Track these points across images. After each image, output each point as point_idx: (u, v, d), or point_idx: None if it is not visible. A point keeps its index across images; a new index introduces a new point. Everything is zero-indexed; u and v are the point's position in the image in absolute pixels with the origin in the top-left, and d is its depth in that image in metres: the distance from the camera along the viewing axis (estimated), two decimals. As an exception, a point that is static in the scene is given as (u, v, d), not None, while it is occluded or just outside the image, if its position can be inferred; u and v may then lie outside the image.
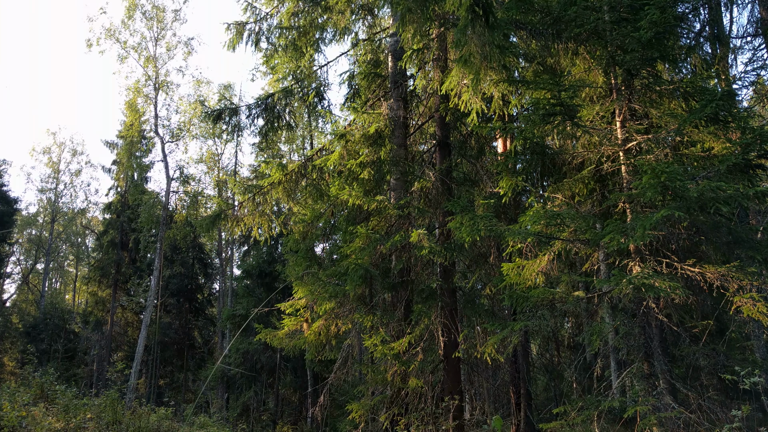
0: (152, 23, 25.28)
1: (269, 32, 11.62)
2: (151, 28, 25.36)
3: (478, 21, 6.53)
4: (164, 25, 25.49)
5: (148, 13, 25.27)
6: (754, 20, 9.79)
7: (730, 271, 6.24)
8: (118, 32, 24.76)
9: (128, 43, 25.01)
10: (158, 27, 25.38)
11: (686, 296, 6.45)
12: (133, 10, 24.68)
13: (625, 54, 7.43)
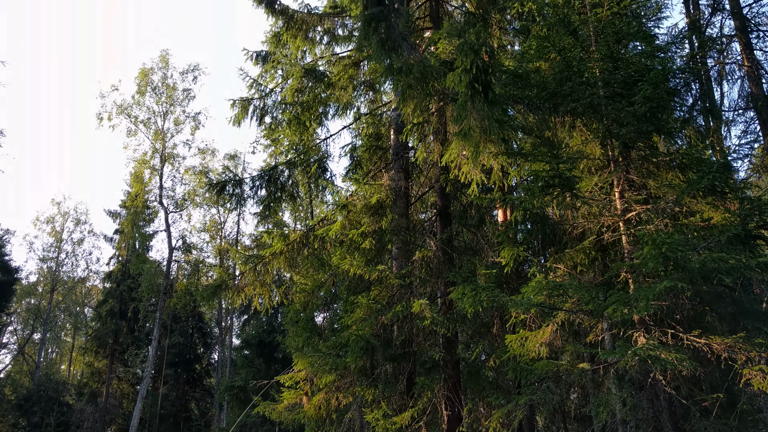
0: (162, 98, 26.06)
1: (274, 108, 11.98)
2: (161, 104, 26.13)
3: (477, 97, 6.75)
4: (174, 101, 26.28)
5: (159, 89, 26.10)
6: (744, 95, 10.10)
7: (737, 342, 6.16)
8: (129, 108, 25.50)
9: (138, 118, 25.71)
10: (168, 103, 26.15)
11: (694, 368, 6.33)
12: (144, 87, 25.53)
13: (620, 127, 7.62)
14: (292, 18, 11.46)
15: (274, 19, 11.55)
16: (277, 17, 11.49)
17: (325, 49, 12.20)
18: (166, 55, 28.16)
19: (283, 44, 12.06)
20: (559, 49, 8.25)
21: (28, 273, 41.17)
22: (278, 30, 11.78)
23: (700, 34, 10.62)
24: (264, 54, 12.56)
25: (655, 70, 7.29)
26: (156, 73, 27.44)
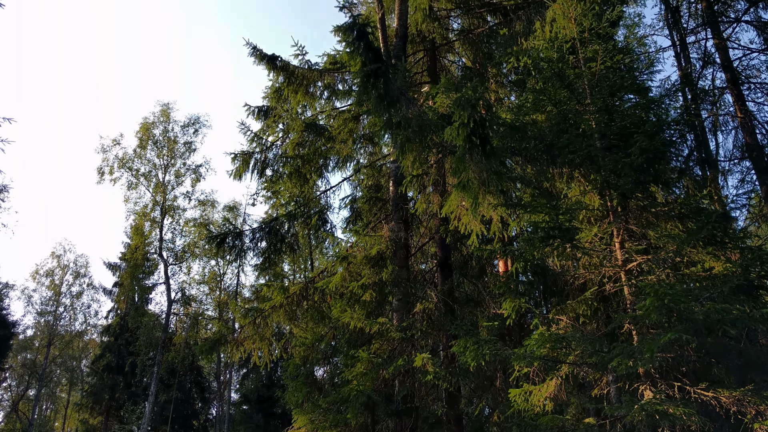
0: (163, 152, 26.38)
1: (274, 161, 12.12)
2: (162, 157, 26.43)
3: (475, 150, 6.82)
4: (175, 153, 26.60)
5: (160, 143, 26.46)
6: (739, 144, 10.22)
7: (746, 396, 6.02)
8: (131, 161, 25.79)
9: (139, 171, 25.96)
10: (169, 155, 26.46)
11: (703, 423, 6.18)
12: (146, 141, 25.89)
13: (618, 178, 7.67)
14: (293, 74, 11.71)
15: (275, 75, 11.81)
16: (278, 73, 11.74)
17: (326, 103, 12.43)
18: (168, 108, 28.67)
19: (284, 99, 12.28)
20: (555, 102, 8.40)
21: (25, 327, 40.71)
22: (279, 85, 12.02)
23: (693, 87, 10.84)
24: (265, 109, 12.78)
25: (650, 122, 7.40)
26: (157, 127, 27.87)
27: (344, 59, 11.78)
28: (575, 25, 8.74)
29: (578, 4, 8.89)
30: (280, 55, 11.93)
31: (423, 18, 11.03)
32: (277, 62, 11.64)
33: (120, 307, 32.80)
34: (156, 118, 27.98)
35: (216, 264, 33.22)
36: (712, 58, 11.26)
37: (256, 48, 11.63)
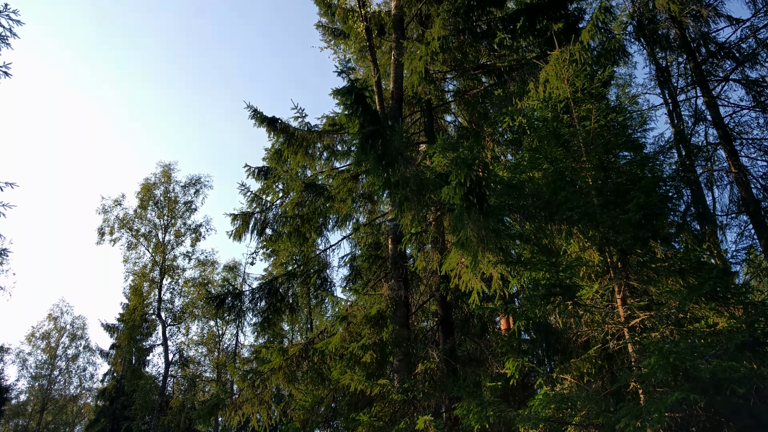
0: (164, 212, 26.53)
1: (274, 221, 12.17)
2: (162, 217, 26.56)
3: (472, 208, 6.87)
4: (175, 213, 26.75)
5: (161, 203, 26.65)
6: (735, 199, 10.30)
7: (759, 458, 5.85)
8: (131, 221, 25.91)
9: (140, 231, 26.04)
10: (169, 216, 26.60)
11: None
12: (147, 201, 26.08)
13: (617, 234, 7.69)
14: (293, 136, 11.92)
15: (275, 137, 12.01)
16: (278, 135, 11.95)
17: (325, 163, 12.59)
18: (169, 169, 29.01)
19: (284, 160, 12.45)
20: (551, 160, 8.51)
21: (18, 392, 39.84)
22: (279, 147, 12.21)
23: (687, 143, 11.02)
24: (265, 169, 12.94)
25: (646, 179, 7.48)
26: (158, 187, 28.13)
27: (343, 121, 12.01)
28: (568, 85, 8.96)
29: (570, 66, 9.14)
30: (280, 117, 12.18)
31: (419, 80, 11.31)
32: (277, 125, 11.87)
33: (116, 370, 32.19)
34: (157, 178, 28.29)
35: (215, 324, 32.84)
36: (703, 115, 11.49)
37: (256, 111, 11.88)
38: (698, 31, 12.03)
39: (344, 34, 14.67)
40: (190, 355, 31.20)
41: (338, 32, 15.03)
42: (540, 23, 12.48)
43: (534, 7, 12.52)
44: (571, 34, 10.94)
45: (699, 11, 11.81)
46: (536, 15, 12.43)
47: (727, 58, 11.84)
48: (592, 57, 10.40)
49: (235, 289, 12.40)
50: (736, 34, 11.57)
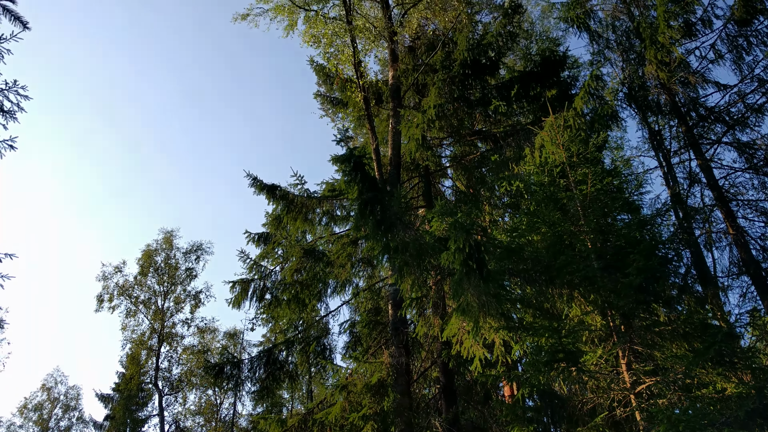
0: (164, 278, 26.43)
1: (273, 287, 12.11)
2: (162, 284, 26.44)
3: (472, 274, 6.85)
4: (175, 280, 26.64)
5: (162, 269, 26.59)
6: (735, 260, 10.28)
7: None
8: (131, 288, 25.78)
9: (139, 298, 25.86)
10: (169, 282, 26.49)
11: None
12: (147, 268, 26.02)
13: (619, 298, 7.62)
14: (292, 202, 12.03)
15: (275, 204, 12.12)
16: (278, 202, 12.05)
17: (324, 229, 12.64)
18: (171, 236, 29.09)
19: (283, 226, 12.51)
20: (550, 224, 8.54)
21: (5, 471, 38.39)
22: (279, 213, 12.29)
23: (683, 205, 11.10)
24: (264, 235, 12.97)
25: (645, 242, 7.49)
26: (159, 254, 28.12)
27: (342, 187, 12.15)
28: (564, 150, 9.11)
29: (565, 131, 9.32)
30: (280, 184, 12.32)
31: (416, 147, 11.51)
32: (277, 192, 12.00)
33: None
34: (159, 245, 28.33)
35: (213, 393, 32.07)
36: (698, 177, 11.64)
37: (256, 179, 12.03)
38: (687, 96, 12.35)
39: (343, 103, 15.04)
40: (187, 425, 30.29)
41: (337, 101, 15.41)
42: (533, 90, 12.83)
43: (527, 75, 12.89)
44: (565, 101, 11.22)
45: (687, 78, 12.17)
46: (529, 82, 12.78)
47: (717, 122, 12.11)
48: (585, 122, 10.62)
49: (233, 357, 12.19)
50: (724, 99, 11.91)
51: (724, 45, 11.93)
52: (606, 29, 14.31)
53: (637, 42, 13.44)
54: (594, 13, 14.44)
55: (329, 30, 13.03)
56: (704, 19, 12.13)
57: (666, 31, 11.78)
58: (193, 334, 29.34)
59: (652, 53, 12.14)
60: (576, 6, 14.33)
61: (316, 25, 13.11)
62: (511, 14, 13.28)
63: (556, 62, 12.63)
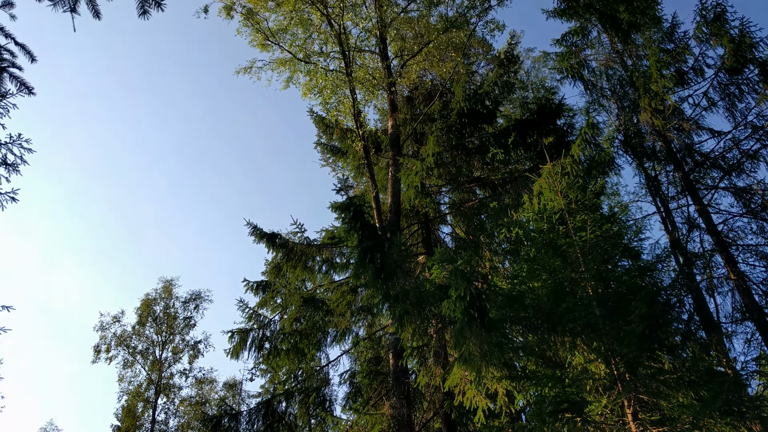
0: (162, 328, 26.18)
1: (272, 337, 11.98)
2: (161, 333, 26.17)
3: (474, 323, 6.80)
4: (174, 330, 26.39)
5: (160, 319, 26.36)
6: (737, 306, 10.21)
7: None
8: (129, 338, 25.51)
9: (137, 348, 25.55)
10: (168, 332, 26.22)
11: None
12: (146, 318, 25.80)
13: (622, 346, 7.54)
14: (292, 250, 12.03)
15: (275, 252, 12.12)
16: (277, 251, 12.06)
17: (324, 277, 12.60)
18: (170, 285, 28.92)
19: (282, 274, 12.47)
20: (550, 271, 8.51)
21: None
22: (278, 261, 12.28)
23: (684, 251, 11.10)
24: (264, 284, 12.92)
25: (646, 289, 7.46)
26: (158, 303, 27.90)
27: (342, 235, 12.17)
28: (562, 197, 9.16)
29: (563, 178, 9.40)
30: (280, 232, 12.34)
31: (416, 194, 11.59)
32: (277, 240, 12.02)
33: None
34: (158, 294, 28.14)
35: (210, 446, 31.21)
36: (697, 223, 11.68)
37: (256, 228, 12.07)
38: (683, 143, 12.52)
39: (342, 152, 15.23)
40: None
41: (337, 150, 15.61)
42: (530, 137, 13.01)
43: (524, 123, 13.10)
44: (562, 148, 11.36)
45: (681, 125, 12.36)
46: (526, 130, 12.97)
47: (713, 167, 12.24)
48: (583, 169, 10.72)
49: (231, 409, 11.96)
50: (719, 145, 12.07)
51: (716, 93, 12.17)
52: (600, 78, 14.63)
53: (630, 90, 13.71)
54: (587, 62, 14.79)
55: (329, 82, 13.32)
56: (696, 68, 12.41)
57: (659, 80, 12.03)
58: (191, 385, 28.85)
59: (647, 101, 12.36)
60: (570, 56, 14.67)
61: (316, 78, 13.41)
62: (506, 64, 13.59)
63: (552, 111, 12.86)
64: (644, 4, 14.02)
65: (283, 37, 13.90)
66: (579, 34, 15.05)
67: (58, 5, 4.52)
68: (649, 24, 13.81)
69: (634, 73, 13.24)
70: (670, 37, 13.30)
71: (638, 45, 14.17)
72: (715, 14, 11.77)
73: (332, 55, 14.04)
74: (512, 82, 13.84)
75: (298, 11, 13.78)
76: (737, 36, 11.49)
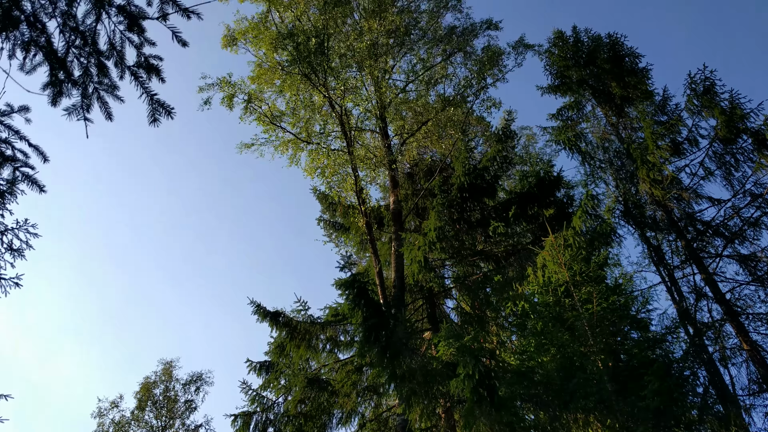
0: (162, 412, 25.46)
1: (276, 420, 11.63)
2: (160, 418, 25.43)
3: (483, 402, 6.62)
4: (174, 413, 25.65)
5: (160, 403, 25.68)
6: (753, 377, 9.94)
7: None
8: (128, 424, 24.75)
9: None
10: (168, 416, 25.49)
11: None
12: (145, 402, 25.15)
13: (637, 423, 7.30)
14: (296, 329, 11.87)
15: (278, 331, 11.95)
16: (281, 330, 11.90)
17: (328, 356, 12.37)
18: (170, 367, 28.28)
19: (286, 354, 12.25)
20: (558, 345, 8.37)
21: None
22: (282, 341, 12.09)
23: (693, 321, 10.93)
24: (267, 364, 12.67)
25: (658, 362, 7.30)
26: (158, 386, 27.20)
27: (345, 311, 12.05)
28: (566, 269, 9.12)
29: (566, 251, 9.40)
30: (283, 310, 12.22)
31: (419, 269, 11.56)
32: (280, 319, 11.89)
33: None
34: (158, 377, 27.48)
35: None
36: (704, 292, 11.55)
37: (259, 306, 11.97)
38: (683, 212, 12.59)
39: (345, 228, 15.32)
40: None
41: (339, 226, 15.71)
42: (531, 210, 13.11)
43: (524, 195, 13.24)
44: (563, 220, 11.42)
45: (680, 194, 12.47)
46: (527, 203, 13.10)
47: (716, 235, 12.24)
48: (585, 240, 10.74)
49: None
50: (720, 213, 12.11)
51: (712, 162, 12.34)
52: (596, 150, 14.90)
53: (628, 161, 13.94)
54: (584, 135, 15.10)
55: (332, 161, 13.59)
56: (690, 139, 12.65)
57: (655, 151, 12.24)
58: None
59: (644, 172, 12.54)
60: (566, 130, 15.01)
61: (318, 158, 13.69)
62: (504, 140, 13.90)
63: (551, 183, 13.03)
64: (635, 80, 14.48)
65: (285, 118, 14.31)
66: (574, 109, 15.46)
67: (72, 114, 4.70)
68: (641, 98, 14.21)
69: (630, 145, 13.50)
70: (663, 109, 13.65)
71: (632, 118, 14.53)
72: (704, 87, 12.11)
73: (334, 135, 14.40)
74: (510, 156, 14.11)
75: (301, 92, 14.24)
76: (728, 108, 11.77)
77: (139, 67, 4.68)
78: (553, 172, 13.47)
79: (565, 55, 15.50)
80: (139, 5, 4.53)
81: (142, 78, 4.67)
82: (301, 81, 13.45)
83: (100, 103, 4.80)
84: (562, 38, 15.67)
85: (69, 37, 4.47)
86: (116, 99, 4.83)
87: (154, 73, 4.69)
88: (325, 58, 12.61)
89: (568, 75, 15.34)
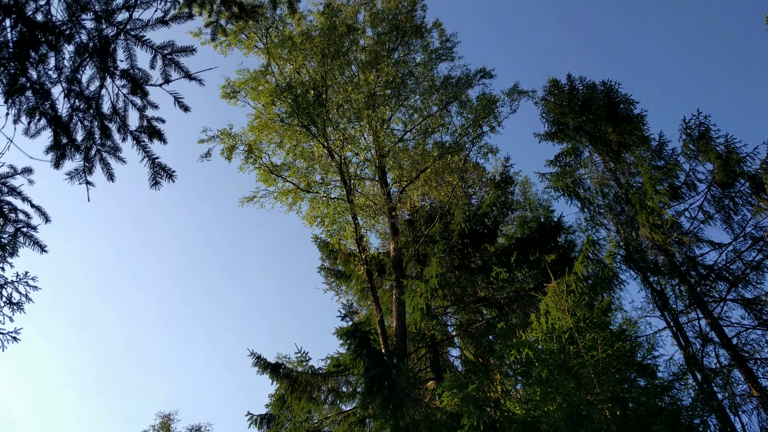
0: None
1: None
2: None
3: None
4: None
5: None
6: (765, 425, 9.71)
7: None
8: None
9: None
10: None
11: None
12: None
13: (648, 475, 7.09)
14: (297, 381, 11.66)
15: (279, 383, 11.74)
16: (281, 381, 11.69)
17: (330, 408, 12.12)
18: (168, 420, 27.68)
19: (287, 406, 11.99)
20: (564, 394, 8.20)
21: None
22: (283, 393, 11.86)
23: (700, 367, 10.76)
24: (268, 417, 12.39)
25: (667, 410, 7.15)
26: (156, 441, 26.55)
27: (347, 361, 11.86)
28: (569, 315, 9.03)
29: (569, 296, 9.32)
30: (284, 362, 12.05)
31: (421, 317, 11.45)
32: (281, 371, 11.69)
33: None
34: (155, 431, 26.85)
35: None
36: (710, 337, 11.42)
37: (260, 358, 11.79)
38: (685, 256, 12.56)
39: (346, 276, 15.25)
40: None
41: (340, 274, 15.63)
42: (533, 255, 13.09)
43: (525, 241, 13.25)
44: (564, 265, 11.37)
45: (681, 238, 12.47)
46: (528, 248, 13.09)
47: (719, 279, 12.17)
48: (588, 286, 10.67)
49: None
50: (722, 257, 12.08)
51: (711, 206, 12.39)
52: (595, 195, 14.97)
53: (627, 206, 13.99)
54: (582, 181, 15.20)
55: (331, 209, 13.65)
56: (688, 183, 12.73)
57: (654, 196, 12.30)
58: None
59: (644, 217, 12.57)
60: (564, 176, 15.12)
61: (318, 207, 13.75)
62: (503, 186, 14.00)
63: (552, 229, 13.05)
64: (631, 126, 14.67)
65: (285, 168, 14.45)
66: (572, 155, 15.60)
67: (74, 178, 4.76)
68: (637, 143, 14.36)
69: (629, 190, 13.57)
70: (660, 154, 13.78)
71: (629, 163, 14.66)
72: (699, 132, 12.26)
73: (333, 184, 14.50)
74: (509, 201, 14.19)
75: (301, 142, 14.44)
76: (724, 152, 11.89)
77: (142, 132, 4.75)
78: (554, 217, 13.52)
79: (561, 103, 15.75)
80: (142, 68, 4.62)
81: (144, 143, 4.72)
82: (301, 132, 13.66)
83: (102, 164, 4.85)
84: (557, 86, 15.95)
85: (73, 101, 4.55)
86: (118, 160, 4.89)
87: (156, 137, 4.76)
88: (323, 110, 12.83)
89: (564, 122, 15.55)
